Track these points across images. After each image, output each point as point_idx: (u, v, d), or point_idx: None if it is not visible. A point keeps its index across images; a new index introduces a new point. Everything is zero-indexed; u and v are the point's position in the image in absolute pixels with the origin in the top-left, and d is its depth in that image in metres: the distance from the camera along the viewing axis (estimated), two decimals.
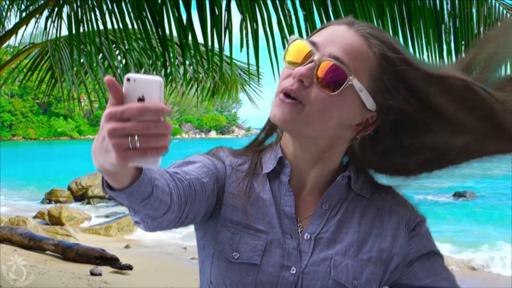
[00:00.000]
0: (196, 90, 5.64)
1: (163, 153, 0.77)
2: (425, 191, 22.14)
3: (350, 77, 1.02)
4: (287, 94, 1.04)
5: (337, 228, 1.12)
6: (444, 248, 12.22)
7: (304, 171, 1.14)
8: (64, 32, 4.05)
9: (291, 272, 1.08)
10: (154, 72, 4.97)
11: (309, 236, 1.11)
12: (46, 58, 5.26)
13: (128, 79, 0.79)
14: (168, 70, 4.00)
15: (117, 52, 5.05)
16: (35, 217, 13.73)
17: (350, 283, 1.07)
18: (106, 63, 5.08)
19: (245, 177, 1.15)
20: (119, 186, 0.85)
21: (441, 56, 3.65)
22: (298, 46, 1.06)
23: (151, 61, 4.53)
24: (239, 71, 5.94)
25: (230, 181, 1.14)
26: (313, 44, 1.05)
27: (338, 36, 1.05)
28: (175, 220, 1.00)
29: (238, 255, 1.08)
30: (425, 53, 3.60)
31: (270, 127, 1.21)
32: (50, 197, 19.22)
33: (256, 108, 6.42)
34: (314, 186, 1.15)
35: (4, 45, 4.31)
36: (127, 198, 0.86)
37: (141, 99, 0.78)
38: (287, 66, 1.07)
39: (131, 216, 0.98)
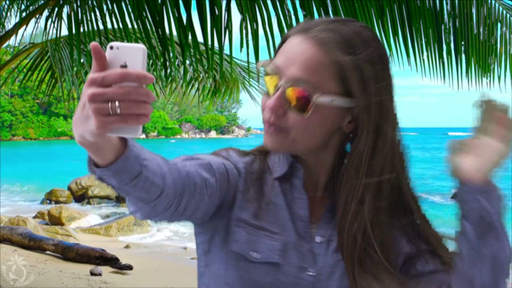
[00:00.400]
0: (197, 89, 5.64)
1: (143, 121, 0.76)
2: (425, 191, 22.17)
3: (314, 97, 1.02)
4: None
5: None
6: None
7: (315, 173, 1.15)
8: (64, 32, 4.06)
9: (308, 274, 1.09)
10: (155, 73, 4.98)
11: (321, 239, 1.11)
12: (46, 58, 5.26)
13: (111, 47, 0.79)
14: (168, 70, 4.01)
15: None
16: (35, 217, 13.74)
17: None
18: None
19: (257, 179, 1.15)
20: (104, 162, 0.84)
21: (441, 56, 3.66)
22: (267, 73, 1.08)
23: (151, 61, 4.53)
24: (240, 70, 5.94)
25: (243, 183, 1.14)
26: (277, 68, 1.05)
27: (295, 53, 1.04)
28: (171, 208, 0.98)
29: (258, 255, 1.08)
30: (425, 53, 3.61)
31: None
32: (50, 197, 19.23)
33: (256, 107, 6.43)
34: (326, 185, 1.15)
35: (4, 45, 4.32)
36: (114, 176, 0.86)
37: (123, 66, 0.78)
38: (264, 93, 1.09)
39: (126, 204, 0.97)
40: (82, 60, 4.73)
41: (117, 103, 0.74)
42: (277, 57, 1.08)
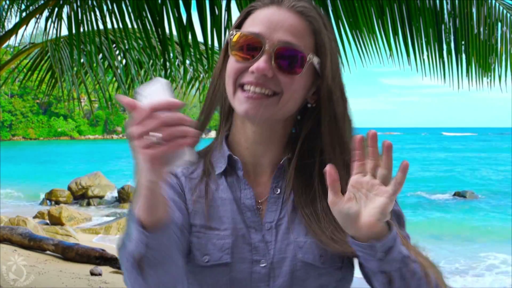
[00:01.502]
0: (197, 89, 5.64)
1: (186, 143, 0.80)
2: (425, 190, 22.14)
3: (309, 55, 1.08)
4: (251, 90, 1.08)
5: (293, 209, 1.12)
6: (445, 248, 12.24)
7: (260, 156, 1.16)
8: (64, 32, 4.05)
9: (261, 265, 1.08)
10: (155, 73, 4.97)
11: (269, 226, 1.11)
12: (46, 58, 5.25)
13: (136, 93, 0.86)
14: (168, 70, 4.00)
15: (117, 51, 5.05)
16: (35, 217, 13.74)
17: (318, 260, 1.08)
18: (106, 63, 5.08)
19: (200, 181, 1.16)
20: (150, 220, 0.90)
21: (441, 55, 3.65)
22: (242, 39, 1.09)
23: (151, 61, 4.53)
24: None
25: (186, 190, 1.15)
26: (258, 34, 1.08)
27: (277, 21, 1.08)
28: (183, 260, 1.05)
29: (208, 257, 1.08)
30: (425, 53, 3.60)
31: (203, 125, 1.20)
32: (50, 197, 19.23)
33: None
34: (272, 168, 1.16)
35: (4, 45, 4.31)
36: (143, 242, 0.91)
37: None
38: (236, 60, 1.10)
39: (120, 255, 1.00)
40: (82, 60, 4.72)
41: (156, 133, 0.80)
42: (251, 27, 1.10)
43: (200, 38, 3.41)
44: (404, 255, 0.98)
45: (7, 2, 4.54)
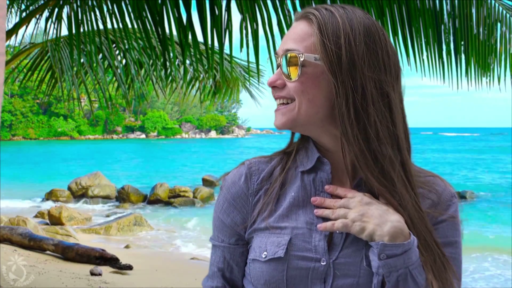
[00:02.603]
0: (198, 89, 5.64)
1: None
2: None
3: (299, 55, 1.11)
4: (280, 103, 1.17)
5: None
6: None
7: (336, 161, 1.19)
8: (64, 32, 4.06)
9: (321, 263, 1.12)
10: (155, 73, 4.97)
11: (338, 231, 1.13)
12: (46, 58, 5.26)
13: None
14: (169, 70, 4.01)
15: (117, 51, 5.06)
16: (35, 217, 13.75)
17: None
18: (106, 63, 5.08)
19: (276, 181, 1.21)
20: None
21: (440, 56, 3.66)
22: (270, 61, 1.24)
23: (151, 61, 4.53)
24: (240, 69, 5.94)
25: (256, 199, 1.22)
26: (276, 53, 1.19)
27: (287, 34, 1.17)
28: None
29: (266, 253, 1.14)
30: (425, 53, 3.61)
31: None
32: (50, 197, 19.24)
33: (256, 107, 6.44)
34: (351, 173, 1.16)
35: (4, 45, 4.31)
36: None
37: None
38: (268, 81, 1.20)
39: None
40: (82, 60, 4.73)
41: None
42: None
43: (200, 38, 3.41)
44: (407, 266, 1.06)
45: (7, 2, 4.54)
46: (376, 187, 1.10)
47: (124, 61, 5.05)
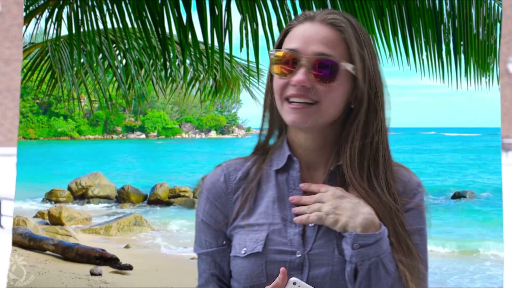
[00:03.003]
0: (198, 89, 5.64)
1: None
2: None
3: (342, 63, 1.19)
4: (295, 101, 1.20)
5: None
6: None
7: (314, 160, 1.27)
8: (64, 32, 4.06)
9: (297, 256, 1.19)
10: (155, 73, 4.98)
11: (313, 223, 1.21)
12: (46, 58, 5.26)
13: (294, 283, 1.13)
14: (169, 70, 4.01)
15: (117, 51, 5.06)
16: (35, 217, 13.74)
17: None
18: (106, 63, 5.08)
19: (252, 180, 1.29)
20: None
21: (440, 56, 3.66)
22: (281, 56, 1.22)
23: (151, 61, 4.53)
24: (240, 69, 5.94)
25: (235, 198, 1.29)
26: (294, 50, 1.21)
27: (310, 35, 1.21)
28: None
29: (245, 249, 1.22)
30: (424, 53, 3.61)
31: (270, 129, 1.33)
32: (50, 197, 19.24)
33: (257, 106, 6.44)
34: (324, 172, 1.26)
35: None
36: None
37: None
38: (278, 77, 1.22)
39: None
40: (82, 60, 4.73)
41: None
42: (288, 44, 1.23)
43: (200, 38, 3.41)
44: (379, 255, 1.14)
45: None
46: (356, 180, 1.20)
47: (124, 61, 5.05)
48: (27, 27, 4.07)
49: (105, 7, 3.60)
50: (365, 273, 1.13)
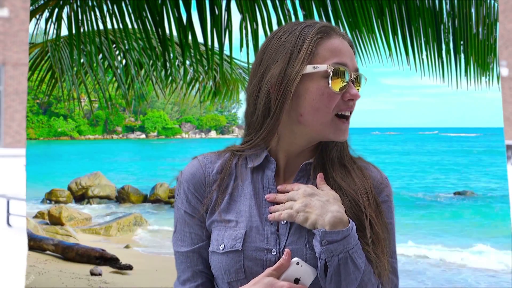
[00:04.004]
0: (198, 90, 5.64)
1: None
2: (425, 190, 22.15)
3: (364, 77, 1.30)
4: (344, 116, 1.27)
5: None
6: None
7: (292, 161, 1.32)
8: (64, 32, 4.06)
9: (272, 254, 1.23)
10: (155, 73, 4.98)
11: (284, 221, 1.25)
12: (46, 58, 5.26)
13: (298, 263, 1.18)
14: (168, 71, 4.01)
15: (117, 52, 5.06)
16: (35, 217, 13.74)
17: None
18: (106, 63, 5.08)
19: (229, 175, 1.31)
20: None
21: (440, 55, 3.66)
22: (334, 70, 1.24)
23: (151, 61, 4.54)
24: (240, 71, 5.94)
25: (213, 188, 1.30)
26: (345, 65, 1.26)
27: (347, 51, 1.28)
28: None
29: (223, 246, 1.24)
30: (424, 53, 3.61)
31: (268, 133, 1.30)
32: (50, 197, 19.23)
33: None
34: (298, 170, 1.32)
35: None
36: None
37: (297, 280, 1.18)
38: (334, 91, 1.24)
39: None
40: (82, 60, 4.73)
41: None
42: (333, 58, 1.26)
43: (200, 38, 3.42)
44: (347, 250, 1.18)
45: None
46: (330, 176, 1.28)
47: (124, 61, 5.05)
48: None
49: (105, 7, 3.60)
50: (334, 268, 1.17)
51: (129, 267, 8.35)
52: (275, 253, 1.23)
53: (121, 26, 3.59)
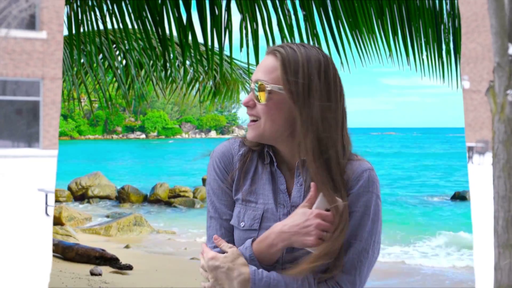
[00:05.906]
0: (198, 90, 5.64)
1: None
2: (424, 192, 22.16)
3: (267, 86, 1.45)
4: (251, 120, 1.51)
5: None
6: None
7: (289, 159, 1.53)
8: (64, 32, 4.05)
9: None
10: (155, 73, 4.98)
11: (295, 205, 1.48)
12: None
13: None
14: (169, 71, 4.01)
15: (117, 52, 5.06)
16: None
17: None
18: (106, 63, 5.08)
19: (251, 161, 1.54)
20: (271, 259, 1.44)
21: (440, 56, 3.66)
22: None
23: (151, 61, 4.54)
24: (240, 71, 5.94)
25: (237, 169, 1.54)
26: (250, 79, 1.53)
27: (260, 64, 1.50)
28: None
29: (244, 223, 1.50)
30: (424, 53, 3.61)
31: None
32: None
33: None
34: (299, 166, 1.51)
35: None
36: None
37: (327, 210, 1.40)
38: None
39: None
40: (82, 60, 4.73)
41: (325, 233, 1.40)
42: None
43: (200, 38, 3.42)
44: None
45: None
46: (317, 180, 1.43)
47: (124, 61, 5.05)
48: None
49: (105, 7, 3.60)
50: None
51: (129, 267, 8.34)
52: None
53: (121, 26, 3.59)
